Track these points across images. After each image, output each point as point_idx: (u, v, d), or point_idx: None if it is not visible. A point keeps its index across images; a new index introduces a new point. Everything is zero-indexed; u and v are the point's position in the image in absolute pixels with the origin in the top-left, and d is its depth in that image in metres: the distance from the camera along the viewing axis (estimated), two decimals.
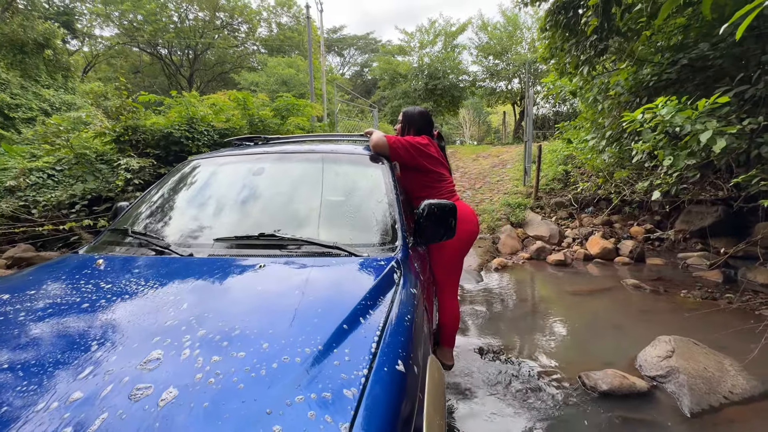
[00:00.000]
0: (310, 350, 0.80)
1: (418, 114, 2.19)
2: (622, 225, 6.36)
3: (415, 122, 2.16)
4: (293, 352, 0.80)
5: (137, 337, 0.85)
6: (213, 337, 0.84)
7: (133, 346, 0.82)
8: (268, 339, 0.84)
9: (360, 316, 0.95)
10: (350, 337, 0.87)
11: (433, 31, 20.58)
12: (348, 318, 0.93)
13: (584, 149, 5.99)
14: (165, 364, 0.76)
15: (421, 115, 2.20)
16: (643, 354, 2.69)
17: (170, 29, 23.72)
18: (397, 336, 0.92)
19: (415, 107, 2.25)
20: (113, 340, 0.85)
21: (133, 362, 0.77)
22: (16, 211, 6.67)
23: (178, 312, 0.94)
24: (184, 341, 0.83)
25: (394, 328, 0.95)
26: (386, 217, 1.57)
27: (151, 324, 0.90)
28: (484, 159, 12.50)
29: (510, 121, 22.73)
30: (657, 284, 4.37)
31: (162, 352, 0.79)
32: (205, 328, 0.88)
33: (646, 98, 4.17)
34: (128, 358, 0.78)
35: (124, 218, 1.73)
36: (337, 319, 0.91)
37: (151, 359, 0.77)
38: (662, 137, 3.24)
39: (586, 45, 4.28)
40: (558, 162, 8.40)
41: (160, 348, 0.81)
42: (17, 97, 12.24)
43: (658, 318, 3.53)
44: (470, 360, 2.82)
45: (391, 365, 0.81)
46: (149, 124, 7.15)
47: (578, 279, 4.88)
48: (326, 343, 0.83)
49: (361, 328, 0.91)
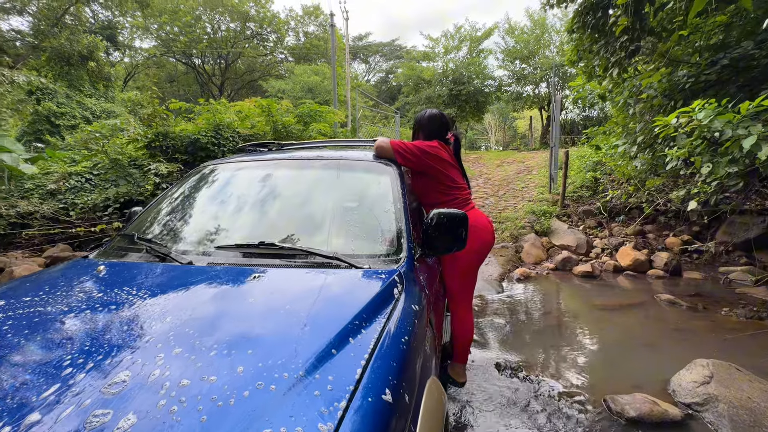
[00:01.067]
0: (288, 376, 0.75)
1: (427, 118, 2.10)
2: (657, 235, 5.99)
3: (424, 126, 2.08)
4: (270, 378, 0.74)
5: (111, 354, 0.82)
6: (188, 357, 0.80)
7: (104, 364, 0.79)
8: (245, 362, 0.79)
9: (350, 337, 0.89)
10: (335, 360, 0.81)
11: (459, 37, 20.42)
12: (336, 339, 0.87)
13: (614, 155, 5.69)
14: (130, 387, 0.72)
15: (431, 118, 2.10)
16: (677, 378, 2.47)
17: (204, 40, 24.81)
18: (388, 360, 0.85)
19: (426, 110, 2.15)
20: (87, 356, 0.82)
21: (98, 383, 0.73)
22: (56, 213, 7.08)
23: (159, 326, 0.92)
24: (156, 360, 0.79)
25: (386, 350, 0.88)
26: (392, 226, 1.50)
27: (129, 339, 0.88)
28: (508, 165, 12.20)
29: (537, 127, 22.17)
30: (694, 300, 4.05)
31: (129, 374, 0.75)
32: (181, 346, 0.84)
33: (682, 101, 3.90)
34: (96, 377, 0.75)
35: (135, 223, 1.75)
36: (324, 340, 0.85)
37: (117, 381, 0.74)
38: (699, 143, 3.00)
39: (615, 46, 4.07)
40: (586, 168, 8.06)
41: (128, 369, 0.77)
42: (62, 105, 13.08)
43: (695, 338, 3.26)
44: (486, 376, 2.68)
45: (377, 394, 0.74)
46: (178, 131, 7.42)
47: (607, 292, 4.61)
48: (308, 368, 0.77)
49: (349, 350, 0.84)
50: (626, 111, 5.06)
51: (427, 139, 2.03)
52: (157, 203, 1.86)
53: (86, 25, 16.97)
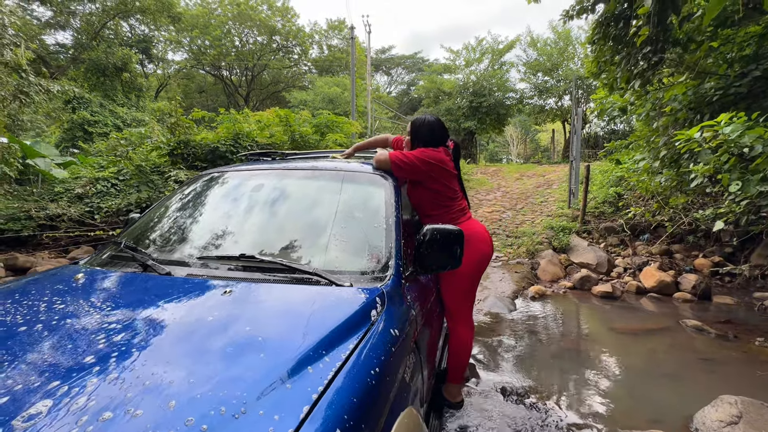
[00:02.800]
0: (225, 411, 0.67)
1: (426, 125, 1.95)
2: (685, 256, 5.64)
3: (422, 134, 1.93)
4: (203, 412, 0.67)
5: (42, 376, 0.77)
6: (120, 384, 0.74)
7: (30, 388, 0.74)
8: (180, 393, 0.72)
9: (309, 365, 0.81)
10: (279, 393, 0.73)
11: (480, 49, 20.39)
12: (291, 366, 0.79)
13: (637, 171, 5.43)
14: (43, 420, 0.66)
15: (430, 126, 1.94)
16: (701, 415, 2.26)
17: (232, 53, 25.78)
18: (346, 394, 0.77)
19: (425, 116, 2.00)
20: (18, 375, 0.77)
21: (14, 412, 0.67)
22: (82, 216, 7.37)
23: (105, 345, 0.87)
24: (87, 386, 0.74)
25: (347, 382, 0.80)
26: (380, 242, 1.43)
27: (69, 359, 0.83)
28: (528, 178, 11.93)
29: (560, 140, 21.71)
30: (725, 328, 3.75)
31: (50, 404, 0.69)
32: (118, 370, 0.78)
33: (709, 115, 3.68)
34: (14, 404, 0.69)
35: (129, 230, 1.75)
36: (273, 369, 0.78)
37: (33, 413, 0.67)
38: (727, 158, 2.79)
39: (638, 57, 3.90)
40: (609, 184, 7.75)
41: (50, 397, 0.71)
42: (96, 114, 13.77)
43: (724, 370, 2.99)
44: (489, 400, 2.53)
45: None
46: (199, 139, 7.63)
47: (628, 315, 4.34)
48: (249, 402, 0.70)
49: (301, 381, 0.77)
50: (650, 124, 4.83)
51: (425, 147, 1.90)
52: (152, 211, 1.86)
53: (123, 39, 17.95)
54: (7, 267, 5.56)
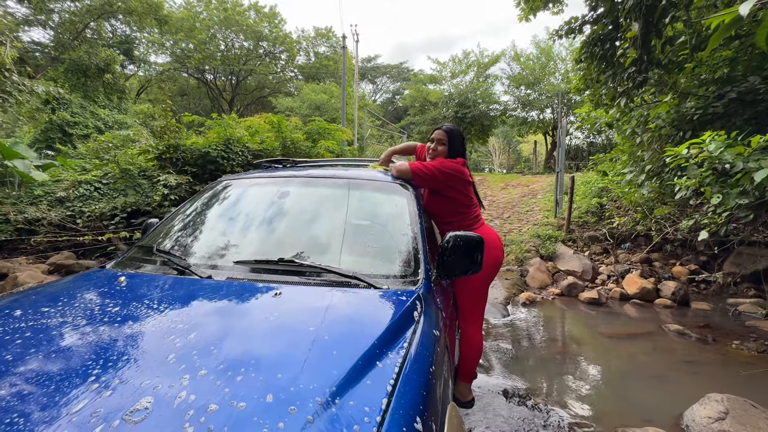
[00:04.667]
0: (312, 405, 0.72)
1: (460, 138, 2.05)
2: (663, 264, 5.94)
3: (460, 144, 2.03)
4: (293, 403, 0.72)
5: (133, 375, 0.81)
6: (213, 381, 0.78)
7: (126, 386, 0.77)
8: (269, 386, 0.77)
9: (376, 360, 0.87)
10: (360, 386, 0.79)
11: (466, 62, 20.91)
12: (360, 362, 0.85)
13: (621, 182, 5.72)
14: (153, 415, 0.69)
15: (461, 139, 2.06)
16: (691, 413, 2.41)
17: (217, 57, 25.50)
18: (415, 386, 0.83)
19: (457, 127, 2.09)
20: (108, 377, 0.80)
21: (120, 410, 0.70)
22: (63, 220, 7.11)
23: (183, 344, 0.90)
24: (182, 382, 0.78)
25: (413, 376, 0.86)
26: (409, 248, 1.50)
27: (153, 358, 0.86)
28: (513, 188, 12.26)
29: (541, 151, 22.38)
30: (704, 332, 3.99)
31: (152, 400, 0.73)
32: (206, 367, 0.82)
33: (690, 132, 3.96)
34: (118, 401, 0.73)
35: (152, 235, 1.76)
36: (347, 363, 0.84)
37: (140, 408, 0.71)
38: (709, 173, 3.03)
39: (623, 77, 4.16)
40: (592, 194, 8.09)
41: (150, 394, 0.75)
42: (76, 115, 13.37)
43: (707, 371, 3.19)
44: (493, 402, 2.62)
45: (409, 424, 0.72)
46: (189, 144, 7.52)
47: (614, 320, 4.54)
48: (332, 394, 0.75)
49: (374, 375, 0.83)
50: (633, 139, 5.12)
51: (452, 157, 2.00)
52: (174, 216, 1.87)
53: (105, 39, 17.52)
54: None
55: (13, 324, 1.02)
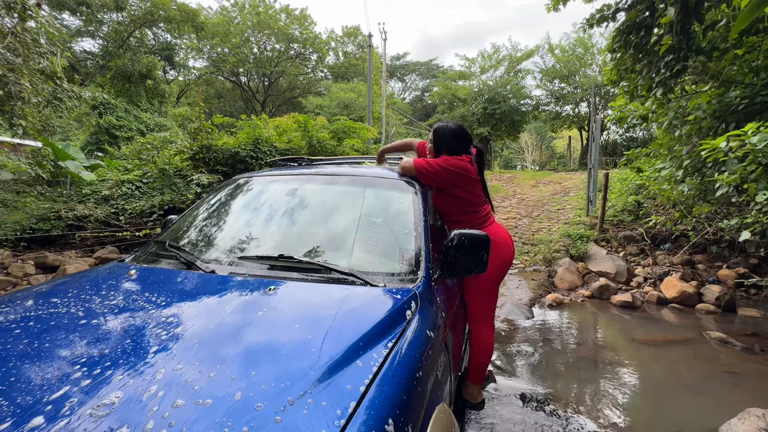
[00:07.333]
0: (282, 405, 0.72)
1: (449, 133, 1.95)
2: (708, 266, 5.52)
3: (446, 142, 1.94)
4: (261, 401, 0.72)
5: (112, 368, 0.83)
6: (186, 377, 0.79)
7: (100, 380, 0.79)
8: (241, 384, 0.77)
9: (356, 359, 0.86)
10: (334, 385, 0.78)
11: (496, 57, 20.40)
12: (339, 360, 0.85)
13: (658, 179, 5.36)
14: (119, 410, 0.70)
15: (453, 134, 1.95)
16: (727, 428, 2.22)
17: (250, 60, 26.40)
18: (393, 387, 0.82)
19: (447, 123, 2.01)
20: (90, 368, 0.83)
21: (89, 402, 0.72)
22: (107, 217, 7.64)
23: (167, 337, 0.94)
24: (156, 376, 0.80)
25: (393, 376, 0.85)
26: (410, 245, 1.48)
27: (135, 351, 0.89)
28: (544, 185, 11.83)
29: (576, 147, 21.45)
30: (751, 341, 3.66)
31: (121, 395, 0.74)
32: (183, 362, 0.84)
33: (734, 124, 3.63)
34: (89, 395, 0.75)
35: (170, 230, 1.85)
36: (325, 362, 0.84)
37: (107, 403, 0.72)
38: (754, 168, 2.76)
39: (660, 66, 3.89)
40: (628, 192, 7.65)
41: (120, 389, 0.76)
42: (121, 119, 14.29)
43: (749, 383, 2.93)
44: (508, 406, 2.54)
45: (378, 426, 0.71)
46: (220, 144, 7.84)
47: (649, 325, 4.27)
48: (304, 393, 0.75)
49: (351, 374, 0.82)
50: (672, 133, 4.77)
51: (449, 155, 1.93)
52: (190, 212, 1.96)
53: (147, 47, 18.59)
54: (37, 265, 5.82)
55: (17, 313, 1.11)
